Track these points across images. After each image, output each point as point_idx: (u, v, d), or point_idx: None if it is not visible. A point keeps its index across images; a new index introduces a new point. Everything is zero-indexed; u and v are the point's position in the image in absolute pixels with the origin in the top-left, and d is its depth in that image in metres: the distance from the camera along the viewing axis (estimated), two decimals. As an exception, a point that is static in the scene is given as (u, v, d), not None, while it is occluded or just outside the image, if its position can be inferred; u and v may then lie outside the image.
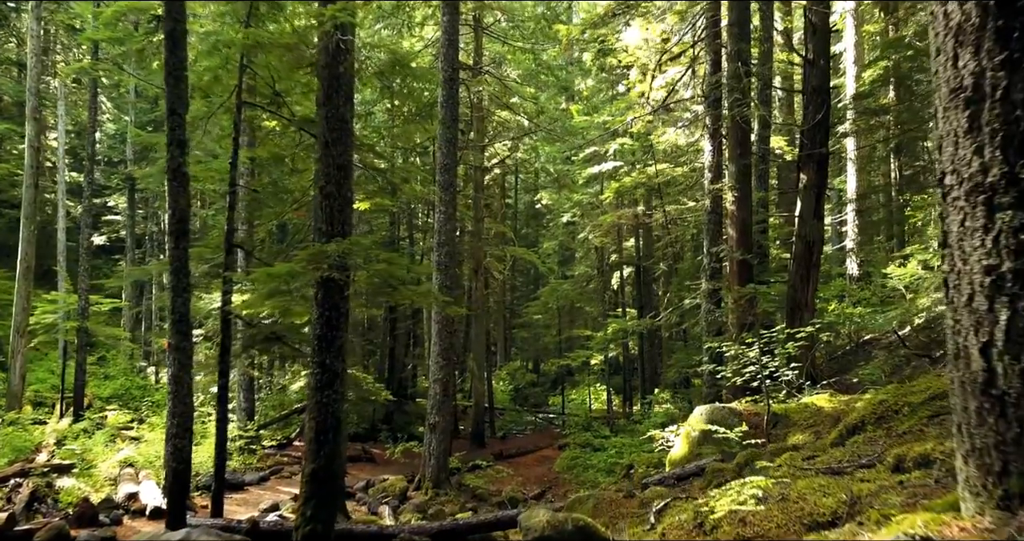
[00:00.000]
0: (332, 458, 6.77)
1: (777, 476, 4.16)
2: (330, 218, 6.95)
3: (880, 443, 4.81)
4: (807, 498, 3.40)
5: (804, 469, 4.49)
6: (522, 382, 33.64)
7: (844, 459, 4.51)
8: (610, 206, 24.71)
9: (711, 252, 13.08)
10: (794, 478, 4.08)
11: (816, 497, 3.37)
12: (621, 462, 15.77)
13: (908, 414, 5.20)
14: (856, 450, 4.75)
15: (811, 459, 4.92)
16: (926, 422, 4.90)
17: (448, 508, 13.45)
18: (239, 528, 8.16)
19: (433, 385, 14.35)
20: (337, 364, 6.89)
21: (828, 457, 4.77)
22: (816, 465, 4.59)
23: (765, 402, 8.81)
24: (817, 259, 12.37)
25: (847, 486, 3.40)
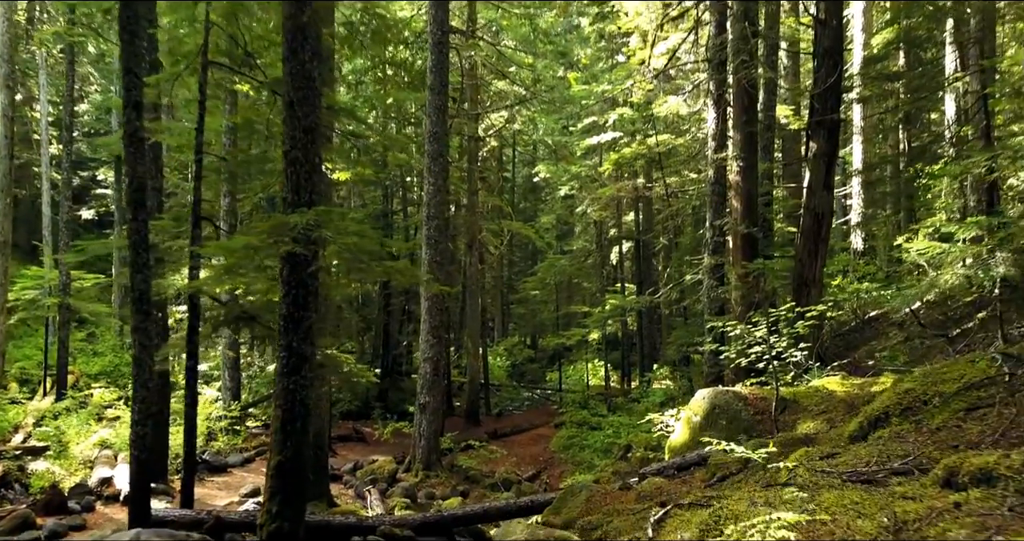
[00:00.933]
0: (300, 449, 6.19)
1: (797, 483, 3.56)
2: (296, 186, 6.29)
3: (911, 441, 4.21)
4: (838, 518, 2.80)
5: (825, 472, 3.89)
6: (519, 358, 33.19)
7: (871, 460, 3.91)
8: (609, 179, 23.97)
9: (714, 225, 12.41)
10: (815, 487, 3.48)
11: (849, 518, 2.78)
12: (618, 442, 15.27)
13: (940, 406, 4.60)
14: (883, 449, 4.14)
15: (831, 458, 4.32)
16: (963, 416, 4.30)
17: (439, 491, 12.99)
18: (206, 520, 7.62)
19: (423, 364, 13.79)
20: (305, 347, 6.28)
21: (851, 456, 4.17)
22: (838, 466, 3.99)
23: (773, 385, 8.22)
24: (826, 233, 11.71)
25: (887, 504, 2.81)
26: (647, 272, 25.31)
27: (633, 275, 27.46)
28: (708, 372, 12.13)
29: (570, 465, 15.82)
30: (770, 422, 7.49)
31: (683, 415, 8.69)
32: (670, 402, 16.27)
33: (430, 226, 13.78)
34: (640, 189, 23.11)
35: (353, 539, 7.46)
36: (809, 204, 11.69)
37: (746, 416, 7.66)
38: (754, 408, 7.75)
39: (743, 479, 5.88)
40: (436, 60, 13.72)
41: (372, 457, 15.68)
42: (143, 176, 7.61)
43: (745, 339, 8.33)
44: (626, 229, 26.79)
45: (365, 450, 16.30)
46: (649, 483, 6.83)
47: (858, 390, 7.45)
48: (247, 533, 7.52)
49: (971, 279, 7.73)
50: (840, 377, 8.21)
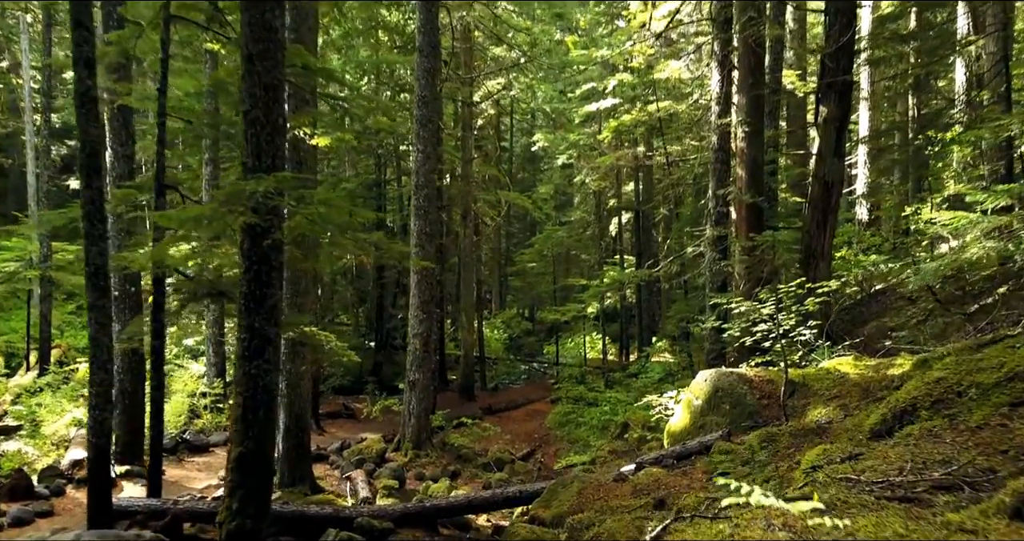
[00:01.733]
0: (264, 440, 5.64)
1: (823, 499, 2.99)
2: (256, 150, 5.64)
3: (948, 442, 3.64)
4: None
5: (851, 481, 3.34)
6: (517, 330, 32.71)
7: (905, 467, 3.34)
8: (608, 147, 23.22)
9: (717, 195, 11.77)
10: (844, 506, 2.91)
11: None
12: (615, 420, 14.82)
13: (977, 399, 4.03)
14: (917, 451, 3.58)
15: (854, 461, 3.76)
16: (1007, 413, 3.73)
17: (428, 471, 12.55)
18: (172, 510, 7.13)
19: (413, 340, 13.24)
20: (269, 328, 5.69)
21: (879, 460, 3.60)
22: (865, 473, 3.43)
23: (781, 367, 7.67)
24: (836, 202, 11.08)
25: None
26: (647, 243, 24.69)
27: (632, 247, 26.84)
28: (709, 349, 11.59)
29: (565, 443, 15.39)
30: (777, 407, 6.95)
31: (683, 397, 8.15)
32: (669, 378, 15.80)
33: (419, 196, 13.13)
34: (640, 158, 22.39)
35: (329, 531, 6.97)
36: (818, 172, 11.03)
37: (751, 400, 7.12)
38: (759, 392, 7.21)
39: (750, 474, 5.35)
40: (424, 19, 12.95)
41: (361, 435, 15.24)
42: (97, 140, 6.97)
43: (750, 316, 7.76)
44: (626, 199, 26.09)
45: (355, 427, 15.86)
46: (646, 474, 6.31)
47: (873, 372, 6.88)
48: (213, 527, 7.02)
49: (1000, 252, 7.13)
50: (852, 357, 7.65)
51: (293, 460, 10.20)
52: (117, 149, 10.87)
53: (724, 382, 7.34)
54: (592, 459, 12.39)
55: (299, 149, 10.15)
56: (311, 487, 10.33)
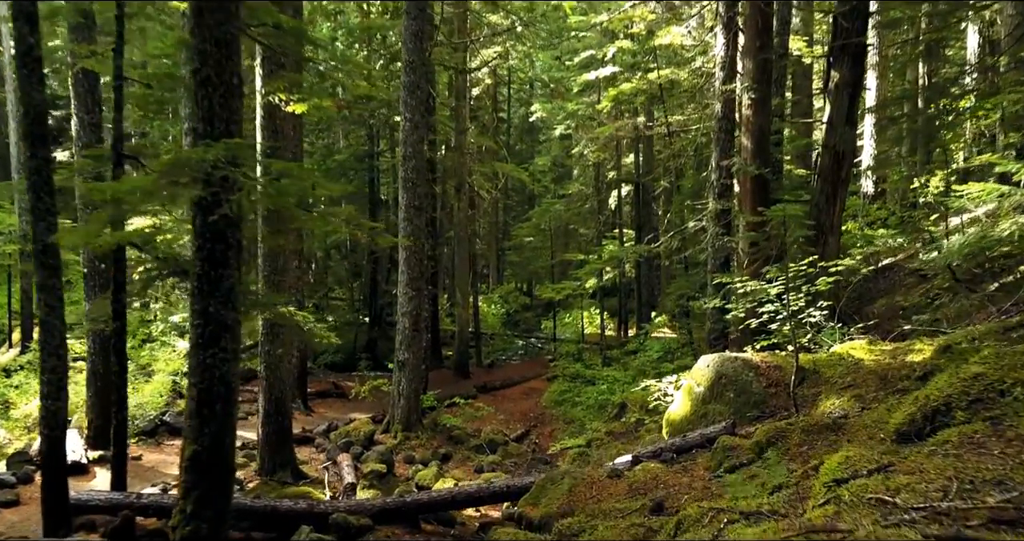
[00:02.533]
0: (221, 437, 5.11)
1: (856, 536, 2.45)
2: (208, 115, 5.03)
3: (996, 453, 3.10)
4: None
5: (884, 505, 2.79)
6: (514, 305, 32.20)
7: (951, 487, 2.80)
8: (608, 117, 22.46)
9: (720, 166, 11.14)
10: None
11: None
12: (613, 400, 14.36)
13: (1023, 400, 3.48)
14: (960, 466, 3.03)
15: (885, 475, 3.21)
16: (1064, 419, 3.18)
17: (418, 454, 12.09)
18: (133, 504, 6.64)
19: (402, 319, 12.70)
20: (226, 313, 5.13)
21: (915, 475, 3.05)
22: (901, 495, 2.88)
23: (789, 351, 7.15)
24: (847, 174, 10.48)
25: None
26: (647, 217, 24.06)
27: (632, 220, 26.21)
28: (711, 329, 11.06)
29: (561, 423, 14.94)
30: (786, 396, 6.42)
31: (684, 383, 7.63)
32: (668, 356, 15.30)
33: (407, 167, 12.49)
34: (640, 128, 21.64)
35: (302, 529, 6.49)
36: (828, 141, 10.41)
37: (757, 388, 6.59)
38: (766, 379, 6.68)
39: (757, 474, 4.83)
40: (412, -21, 12.19)
41: (351, 415, 14.77)
42: (40, 104, 6.32)
43: (756, 296, 7.20)
44: (625, 172, 25.41)
45: (344, 408, 15.40)
46: (643, 470, 5.79)
47: (890, 359, 6.34)
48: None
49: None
50: (866, 341, 7.10)
51: (274, 446, 9.72)
52: (83, 117, 10.21)
53: (728, 368, 6.80)
54: (588, 442, 11.95)
55: (275, 117, 9.51)
56: (293, 473, 9.87)
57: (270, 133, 9.46)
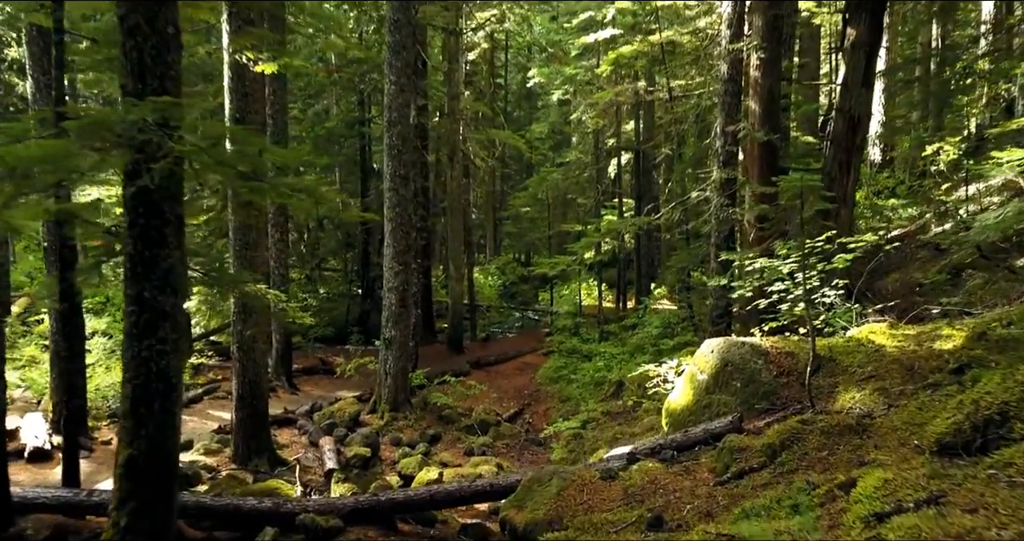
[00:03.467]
0: (161, 440, 4.50)
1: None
2: (139, 68, 4.31)
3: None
4: None
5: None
6: (512, 277, 31.57)
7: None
8: (607, 82, 21.56)
9: (726, 132, 10.38)
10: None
11: None
12: (610, 377, 13.81)
13: (1106, 414, 2.85)
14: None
15: (935, 506, 2.59)
16: None
17: (406, 435, 11.57)
18: (84, 503, 6.07)
19: (388, 294, 12.07)
20: (163, 298, 4.48)
21: (980, 515, 2.44)
22: None
23: (801, 335, 6.52)
24: (862, 140, 9.76)
25: None
26: (647, 186, 23.29)
27: (632, 189, 25.44)
28: (714, 305, 10.43)
29: (556, 401, 14.42)
30: (799, 386, 5.81)
31: (685, 370, 7.01)
32: (668, 332, 14.70)
33: (392, 134, 11.75)
34: (641, 94, 20.75)
35: (266, 530, 5.93)
36: (842, 105, 9.66)
37: (767, 378, 5.97)
38: (777, 367, 6.05)
39: (770, 484, 4.22)
40: (395, -71, 11.31)
41: (338, 393, 14.24)
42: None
43: (765, 274, 6.54)
44: (625, 139, 24.55)
45: (332, 385, 14.84)
46: (640, 470, 5.20)
47: (915, 345, 5.72)
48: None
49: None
50: (886, 324, 6.46)
51: (248, 431, 9.16)
52: (38, 78, 9.45)
53: (734, 354, 6.18)
54: (583, 423, 11.41)
55: (244, 78, 8.75)
56: (270, 460, 9.33)
57: (239, 96, 8.72)
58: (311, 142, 23.26)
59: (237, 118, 8.74)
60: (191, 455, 9.37)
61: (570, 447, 10.70)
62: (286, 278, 14.08)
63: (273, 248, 13.99)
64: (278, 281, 13.96)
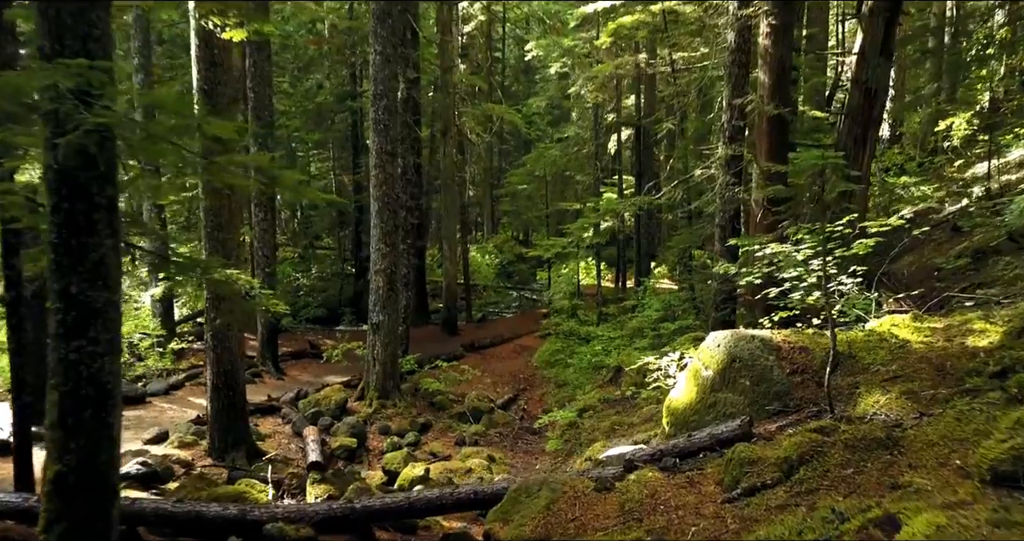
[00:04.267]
0: (94, 453, 3.96)
1: None
2: (56, 29, 3.69)
3: None
4: None
5: None
6: (510, 256, 30.97)
7: None
8: (606, 54, 20.77)
9: (733, 105, 9.71)
10: None
11: None
12: (608, 362, 13.30)
13: None
14: None
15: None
16: None
17: (395, 424, 11.08)
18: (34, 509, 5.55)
19: (375, 277, 11.51)
20: (95, 293, 3.91)
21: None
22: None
23: (820, 331, 5.96)
24: (879, 114, 9.14)
25: None
26: (648, 163, 22.62)
27: (632, 166, 24.76)
28: (718, 290, 9.85)
29: (552, 386, 13.94)
30: (814, 386, 5.27)
31: (689, 363, 6.47)
32: (669, 315, 14.16)
33: (378, 107, 11.10)
34: (642, 67, 20.00)
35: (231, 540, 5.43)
36: (859, 76, 9.02)
37: (779, 376, 5.42)
38: (790, 364, 5.50)
39: (788, 507, 3.69)
40: None
41: (326, 379, 13.74)
42: None
43: (779, 261, 5.96)
44: (625, 114, 23.81)
45: (320, 369, 14.33)
46: (639, 481, 4.68)
47: (944, 341, 5.17)
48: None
49: None
50: (910, 316, 5.90)
51: (224, 423, 8.65)
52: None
53: (743, 349, 5.62)
54: (580, 411, 10.92)
55: (212, 46, 8.09)
56: (249, 453, 8.83)
57: (206, 65, 8.07)
58: (301, 117, 22.51)
59: (205, 90, 8.12)
60: (165, 448, 8.88)
61: (566, 437, 10.22)
62: (271, 259, 13.50)
63: (257, 228, 13.41)
64: (262, 262, 13.39)
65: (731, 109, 9.82)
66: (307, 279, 24.45)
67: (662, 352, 10.56)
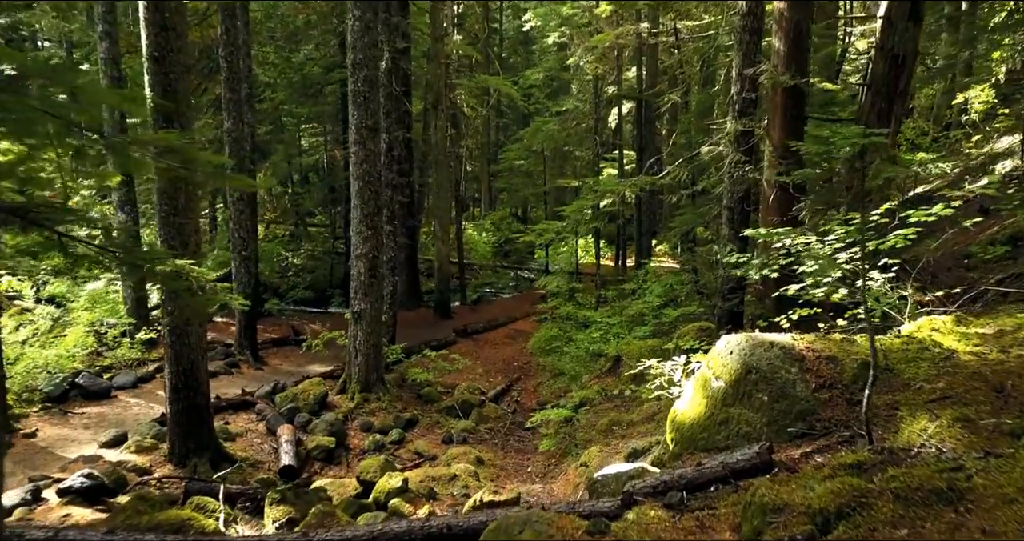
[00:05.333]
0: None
1: None
2: None
3: None
4: None
5: None
6: (507, 233, 30.13)
7: None
8: (606, 23, 19.74)
9: (744, 75, 8.83)
10: None
11: None
12: (606, 350, 12.56)
13: None
14: None
15: None
16: None
17: (378, 419, 10.39)
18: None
19: (356, 262, 10.72)
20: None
21: None
22: None
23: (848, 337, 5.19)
24: (906, 85, 8.24)
25: None
26: (649, 138, 21.69)
27: (633, 141, 23.84)
28: (725, 278, 9.06)
29: (548, 375, 13.22)
30: (844, 404, 4.50)
31: (697, 369, 5.69)
32: (671, 301, 13.39)
33: (357, 78, 10.22)
34: (644, 37, 19.00)
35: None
36: (884, 42, 8.12)
37: (803, 391, 4.65)
38: (816, 376, 4.73)
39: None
40: None
41: (309, 368, 13.05)
42: None
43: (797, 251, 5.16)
44: (627, 87, 22.81)
45: (302, 358, 13.61)
46: (638, 524, 3.93)
47: (998, 351, 4.39)
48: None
49: None
50: (951, 319, 5.12)
51: (185, 427, 7.92)
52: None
53: (760, 359, 4.85)
54: (576, 406, 10.21)
55: (162, 8, 7.21)
56: (213, 458, 8.12)
57: (156, 29, 7.20)
58: (287, 90, 21.49)
59: (155, 56, 7.25)
60: (121, 453, 8.16)
61: (560, 436, 9.51)
62: (248, 241, 12.68)
63: (232, 208, 12.59)
64: (238, 245, 12.59)
65: (741, 80, 8.94)
66: (298, 258, 23.63)
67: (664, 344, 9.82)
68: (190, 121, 7.53)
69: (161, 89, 7.31)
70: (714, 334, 9.33)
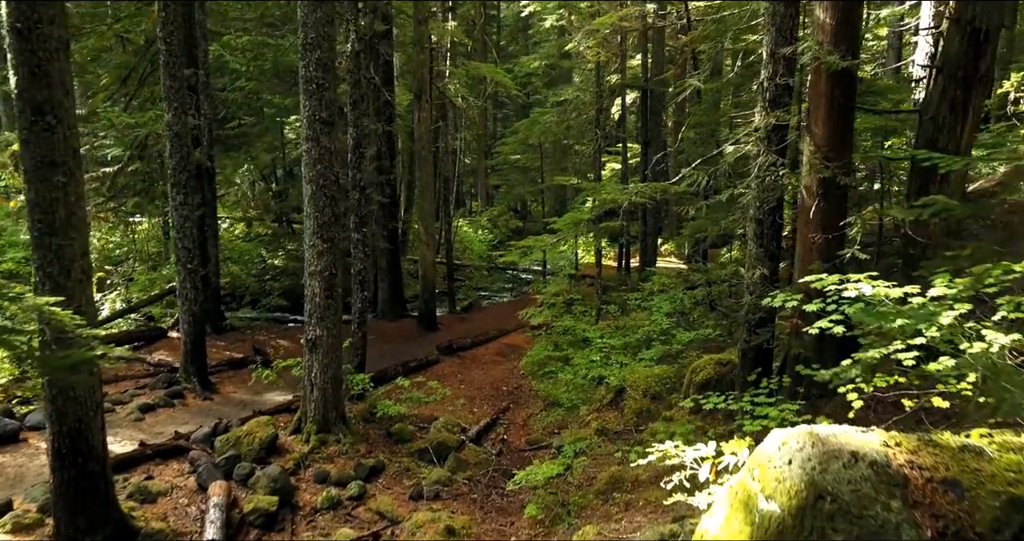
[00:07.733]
0: None
1: None
2: None
3: None
4: None
5: None
6: (504, 231, 28.45)
7: None
8: (609, 4, 17.99)
9: (777, 56, 7.09)
10: None
11: None
12: (608, 377, 10.89)
13: None
14: None
15: None
16: None
17: (335, 468, 8.75)
18: None
19: (309, 282, 9.03)
20: None
21: None
22: None
23: (960, 438, 3.49)
24: (988, 68, 6.52)
25: None
26: (655, 130, 19.94)
27: (638, 133, 22.12)
28: (752, 305, 7.35)
29: (540, 405, 11.59)
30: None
31: (734, 477, 3.97)
32: (681, 321, 11.69)
33: (308, 61, 8.50)
34: (650, 20, 17.24)
35: None
36: (960, 13, 6.41)
37: (909, 537, 2.95)
38: (929, 516, 3.03)
39: None
40: None
41: (265, 397, 11.42)
42: None
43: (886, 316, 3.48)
44: (631, 75, 21.06)
45: (259, 385, 11.84)
46: None
47: None
48: None
49: None
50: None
51: (74, 501, 6.26)
52: None
53: (838, 480, 3.16)
54: (570, 461, 8.54)
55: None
56: (115, 534, 6.48)
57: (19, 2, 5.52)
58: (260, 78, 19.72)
59: (18, 29, 5.59)
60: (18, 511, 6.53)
61: (550, 497, 7.85)
62: (193, 252, 10.99)
63: (175, 213, 10.91)
64: (183, 257, 10.92)
65: (774, 62, 7.20)
66: (277, 259, 22.01)
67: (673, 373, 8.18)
68: (69, 112, 5.85)
69: (28, 71, 5.64)
70: (738, 377, 7.66)
